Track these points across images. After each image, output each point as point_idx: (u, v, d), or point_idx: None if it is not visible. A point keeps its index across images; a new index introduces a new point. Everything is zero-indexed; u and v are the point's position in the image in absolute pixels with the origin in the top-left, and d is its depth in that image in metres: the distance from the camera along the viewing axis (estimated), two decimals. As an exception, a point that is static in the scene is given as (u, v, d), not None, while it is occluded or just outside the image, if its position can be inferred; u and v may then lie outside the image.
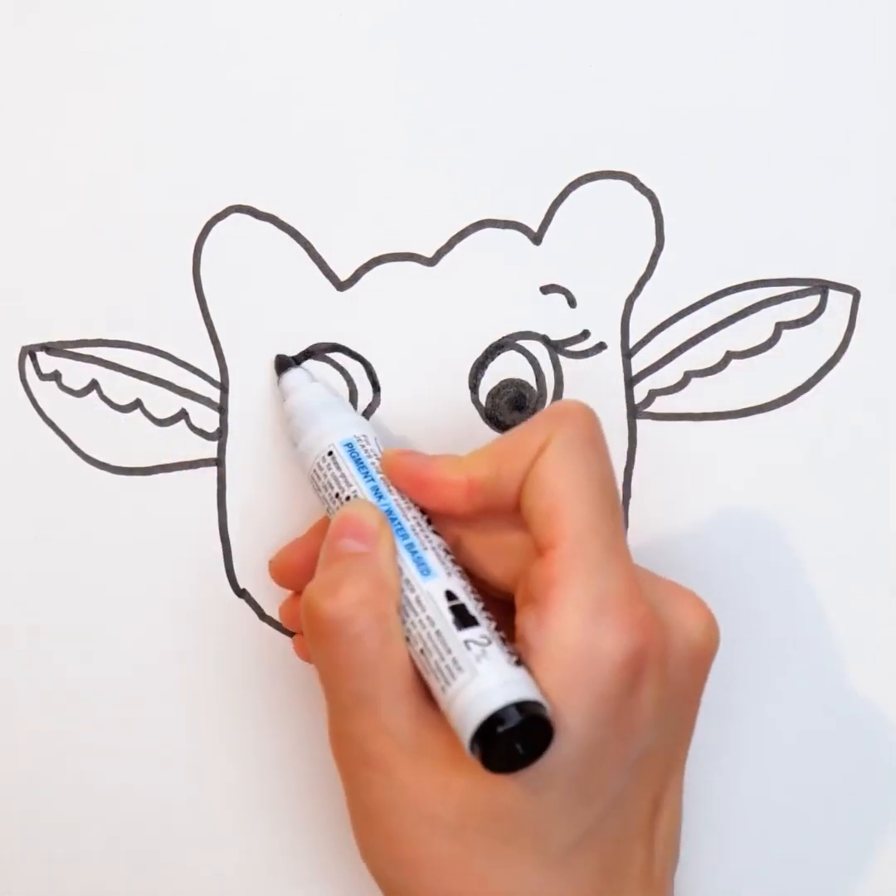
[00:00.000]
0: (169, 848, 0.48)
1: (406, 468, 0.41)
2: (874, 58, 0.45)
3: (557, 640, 0.36)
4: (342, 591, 0.38)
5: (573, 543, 0.37)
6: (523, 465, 0.38)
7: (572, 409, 0.39)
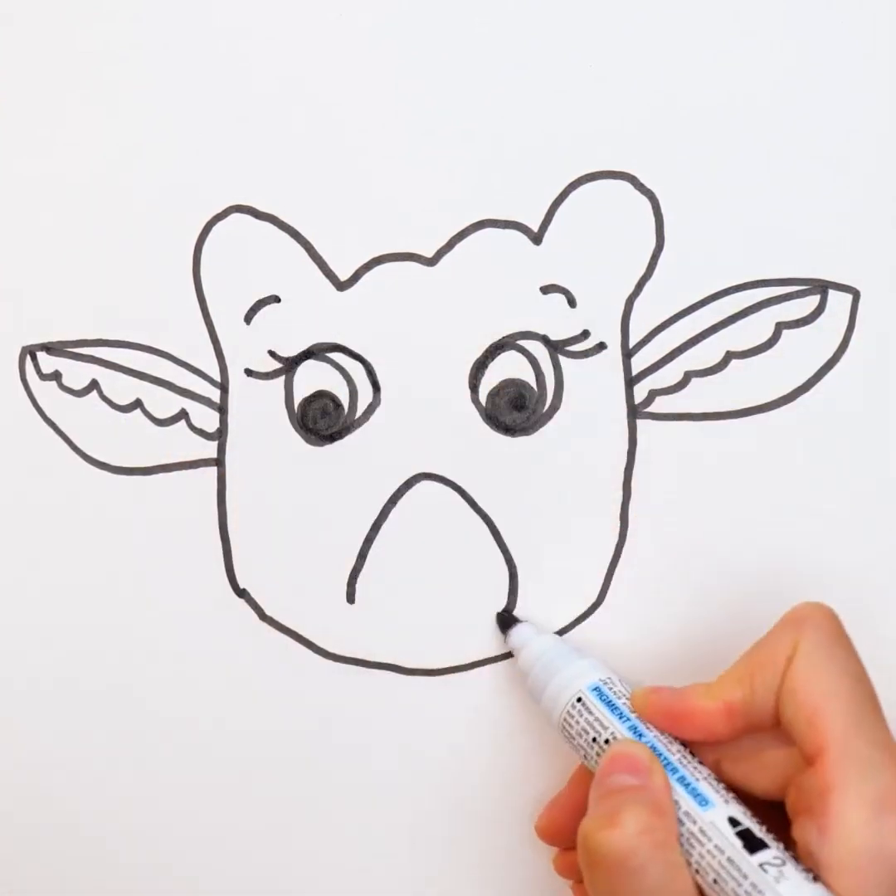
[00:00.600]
0: (169, 847, 0.48)
1: (659, 704, 0.41)
2: (874, 58, 0.45)
3: (844, 847, 0.36)
4: (622, 821, 0.38)
5: (840, 747, 0.37)
6: (775, 678, 0.39)
7: (812, 612, 0.39)
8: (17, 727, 0.48)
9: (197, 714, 0.47)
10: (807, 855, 0.37)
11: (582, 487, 0.46)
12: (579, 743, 0.42)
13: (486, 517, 0.46)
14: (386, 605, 0.47)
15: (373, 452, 0.46)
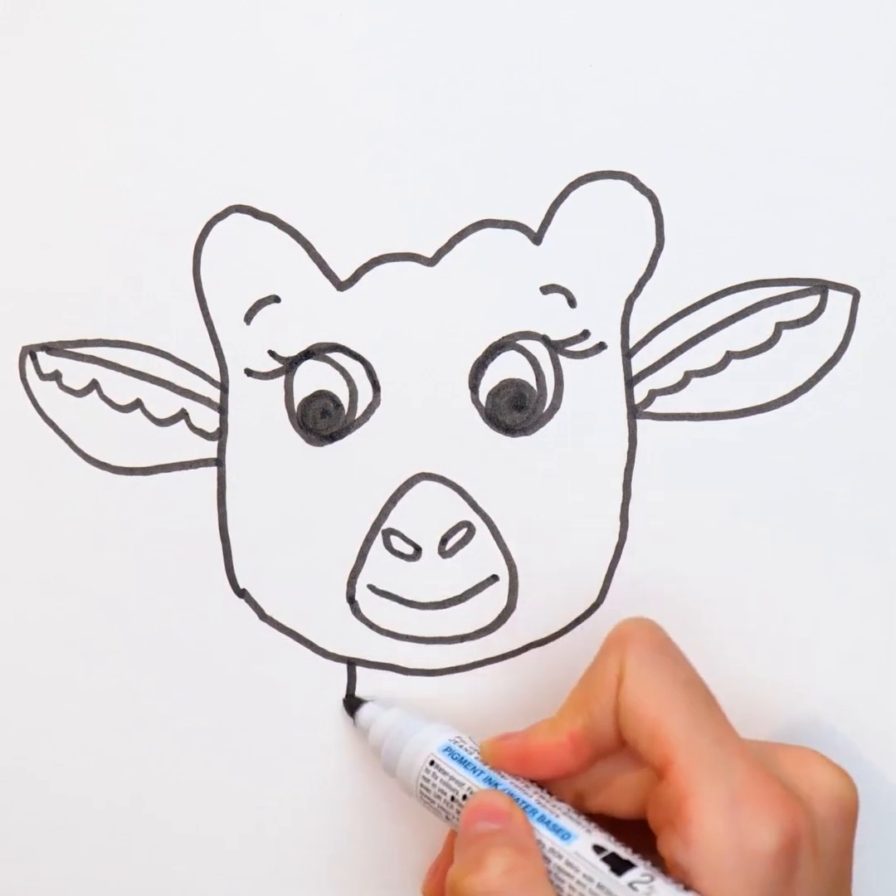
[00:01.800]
0: (169, 846, 0.48)
1: (507, 751, 0.41)
2: (874, 58, 0.45)
3: (708, 852, 0.36)
4: (486, 863, 0.38)
5: (685, 754, 0.37)
6: (609, 701, 0.39)
7: (632, 628, 0.40)
8: (16, 726, 0.48)
9: (197, 714, 0.47)
10: (675, 867, 0.37)
11: (582, 487, 0.46)
12: (439, 805, 0.42)
13: (486, 517, 0.46)
14: (386, 605, 0.47)
15: (373, 452, 0.46)
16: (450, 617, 0.46)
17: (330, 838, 0.47)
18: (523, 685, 0.46)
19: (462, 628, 0.46)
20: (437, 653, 0.47)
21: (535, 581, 0.46)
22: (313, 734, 0.47)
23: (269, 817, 0.47)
